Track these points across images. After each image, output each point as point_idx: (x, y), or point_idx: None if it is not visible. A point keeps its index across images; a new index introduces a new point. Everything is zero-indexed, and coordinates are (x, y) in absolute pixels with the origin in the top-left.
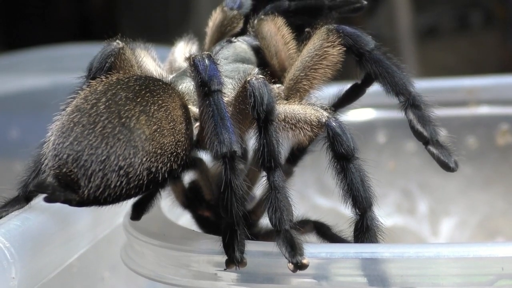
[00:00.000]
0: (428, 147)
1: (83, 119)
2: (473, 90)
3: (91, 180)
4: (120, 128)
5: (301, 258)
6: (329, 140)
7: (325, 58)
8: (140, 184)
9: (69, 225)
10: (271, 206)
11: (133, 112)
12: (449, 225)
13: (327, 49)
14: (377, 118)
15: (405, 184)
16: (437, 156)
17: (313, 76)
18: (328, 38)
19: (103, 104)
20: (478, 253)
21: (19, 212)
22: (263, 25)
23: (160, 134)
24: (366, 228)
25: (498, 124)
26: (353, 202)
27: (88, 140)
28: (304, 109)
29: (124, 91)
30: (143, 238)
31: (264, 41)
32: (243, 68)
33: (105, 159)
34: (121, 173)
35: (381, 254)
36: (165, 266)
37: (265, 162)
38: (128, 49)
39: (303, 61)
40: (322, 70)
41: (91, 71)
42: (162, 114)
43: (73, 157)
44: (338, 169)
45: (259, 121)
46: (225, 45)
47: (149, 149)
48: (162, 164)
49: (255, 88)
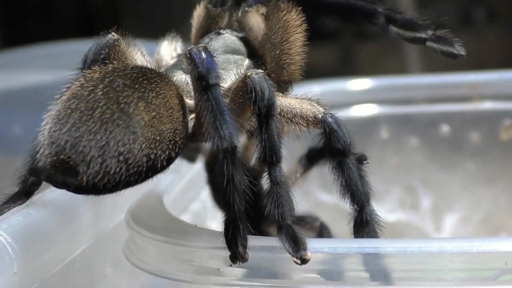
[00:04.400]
0: (427, 44)
1: (81, 105)
2: (476, 85)
3: (90, 166)
4: (119, 114)
5: (305, 253)
6: (326, 136)
7: (288, 25)
8: (140, 171)
9: (72, 220)
10: (273, 202)
11: (131, 98)
12: (452, 221)
13: (285, 18)
14: (380, 113)
15: (408, 180)
16: (439, 49)
17: (288, 47)
18: (280, 7)
19: (101, 91)
20: (482, 248)
21: (21, 208)
22: (248, 17)
23: (159, 121)
24: (366, 222)
25: (501, 120)
26: (351, 197)
27: (86, 126)
28: (300, 103)
29: (121, 78)
30: (146, 233)
31: (252, 32)
32: (233, 59)
33: (104, 145)
34: (121, 159)
35: (384, 249)
36: (168, 261)
37: (266, 157)
38: (122, 41)
39: (271, 40)
40: (292, 38)
41: (86, 62)
42: (160, 101)
43: (71, 143)
44: (335, 164)
45: (260, 116)
46: (214, 37)
47: (148, 136)
48: (161, 151)
49: (256, 83)
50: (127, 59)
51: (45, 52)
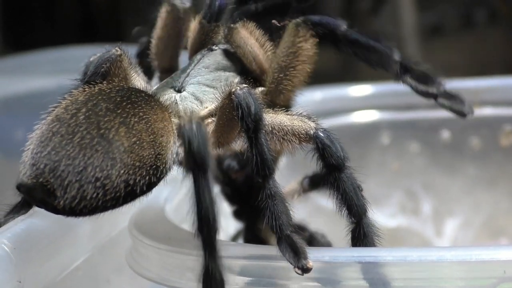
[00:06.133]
0: (438, 100)
1: (62, 129)
2: (477, 92)
3: (67, 191)
4: (98, 139)
5: (306, 262)
6: (319, 151)
7: (300, 54)
8: (117, 196)
9: (74, 228)
10: (270, 214)
11: (112, 124)
12: (453, 225)
13: (300, 45)
14: (381, 119)
15: (409, 185)
16: (449, 107)
17: (293, 74)
18: (298, 33)
19: (83, 115)
20: (481, 257)
21: (25, 217)
22: (234, 33)
23: (140, 147)
24: (363, 235)
25: (502, 125)
26: (348, 211)
27: (65, 150)
28: (291, 120)
29: (105, 102)
30: (148, 241)
31: (239, 49)
32: (225, 76)
33: (82, 170)
34: (98, 184)
35: (384, 258)
36: (170, 269)
37: (259, 171)
38: (125, 57)
39: (279, 62)
40: (300, 67)
41: (86, 74)
42: (142, 126)
43: (50, 167)
44: (331, 180)
45: (248, 131)
46: (206, 53)
47: (128, 161)
48: (140, 177)
49: (241, 99)
50: (128, 76)
51: (48, 57)
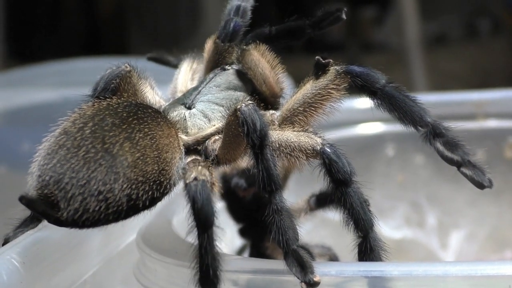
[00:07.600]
0: (461, 169)
1: (68, 142)
2: (481, 104)
3: (70, 203)
4: (102, 154)
5: (313, 276)
6: (326, 167)
7: (327, 99)
8: (119, 210)
9: (83, 242)
10: (277, 229)
11: (117, 139)
12: (458, 237)
13: (331, 91)
14: (386, 131)
15: (414, 197)
16: (471, 177)
17: (311, 113)
18: (335, 80)
19: (89, 129)
20: (486, 271)
21: (34, 231)
22: (246, 55)
23: (143, 162)
24: (370, 249)
25: (506, 137)
26: (355, 225)
27: (70, 163)
28: (297, 136)
29: (111, 117)
30: (156, 255)
31: (250, 71)
32: (235, 96)
33: (85, 183)
34: (100, 198)
35: (390, 272)
36: (178, 283)
37: (265, 186)
38: (134, 73)
39: (304, 96)
40: (321, 110)
41: (96, 90)
42: (147, 142)
43: (54, 179)
44: (338, 194)
45: (254, 147)
46: (218, 72)
47: (131, 176)
48: (143, 192)
49: (247, 116)
50: (137, 92)
51: (54, 69)
